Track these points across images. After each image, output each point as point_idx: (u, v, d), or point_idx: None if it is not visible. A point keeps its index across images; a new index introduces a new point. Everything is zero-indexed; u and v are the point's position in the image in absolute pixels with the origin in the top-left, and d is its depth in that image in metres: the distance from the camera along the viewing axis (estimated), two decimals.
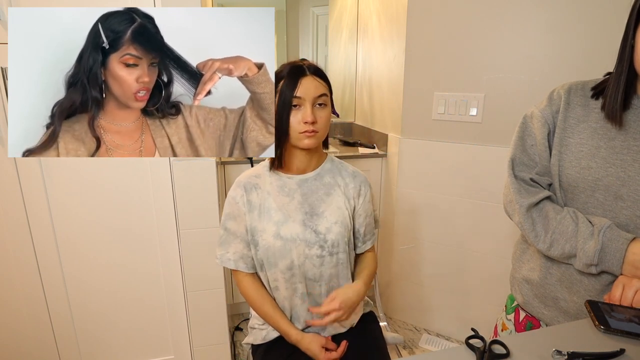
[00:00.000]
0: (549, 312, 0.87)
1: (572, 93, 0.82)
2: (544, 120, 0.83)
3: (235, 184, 0.99)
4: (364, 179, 1.04)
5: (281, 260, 0.95)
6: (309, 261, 0.96)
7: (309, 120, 0.88)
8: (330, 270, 0.98)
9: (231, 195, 0.98)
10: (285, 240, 0.94)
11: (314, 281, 0.98)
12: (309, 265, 0.96)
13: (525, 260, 0.93)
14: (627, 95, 0.74)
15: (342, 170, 1.03)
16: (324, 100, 0.91)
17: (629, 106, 0.75)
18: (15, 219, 1.31)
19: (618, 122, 0.75)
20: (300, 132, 0.89)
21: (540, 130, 0.84)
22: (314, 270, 0.97)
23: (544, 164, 0.84)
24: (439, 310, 1.94)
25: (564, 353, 0.58)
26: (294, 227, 0.95)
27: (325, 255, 0.96)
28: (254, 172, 1.00)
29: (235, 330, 1.96)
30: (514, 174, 0.87)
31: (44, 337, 1.45)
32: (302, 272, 0.96)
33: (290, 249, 0.94)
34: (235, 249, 0.99)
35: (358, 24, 2.37)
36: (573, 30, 1.37)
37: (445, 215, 1.79)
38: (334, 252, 0.97)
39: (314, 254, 0.95)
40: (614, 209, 0.75)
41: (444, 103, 1.66)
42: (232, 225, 0.98)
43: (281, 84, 0.89)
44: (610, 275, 0.76)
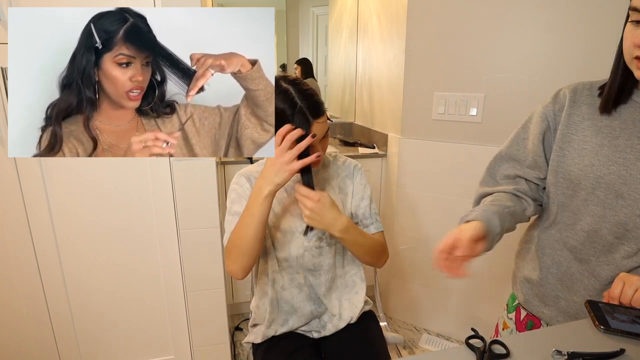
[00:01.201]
0: (549, 312, 0.87)
1: (579, 92, 0.82)
2: (544, 116, 0.84)
3: (237, 175, 0.99)
4: (355, 164, 1.04)
5: (280, 252, 0.97)
6: (308, 252, 0.97)
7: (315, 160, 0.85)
8: (329, 260, 1.00)
9: (234, 182, 0.98)
10: (284, 232, 0.96)
11: (314, 271, 1.00)
12: (308, 257, 0.98)
13: (527, 260, 0.93)
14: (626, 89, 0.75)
15: (335, 163, 1.04)
16: (326, 134, 0.92)
17: (627, 100, 0.76)
18: (15, 219, 1.31)
19: (608, 111, 0.76)
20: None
21: (537, 125, 0.85)
22: (313, 261, 0.99)
23: (534, 157, 0.85)
24: (439, 310, 1.94)
25: (564, 353, 0.58)
26: (292, 220, 0.96)
27: (323, 245, 0.98)
28: (254, 168, 1.01)
29: (235, 330, 1.96)
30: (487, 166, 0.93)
31: (44, 337, 1.45)
32: (300, 264, 0.98)
33: (289, 240, 0.96)
34: None
35: (358, 24, 2.37)
36: (573, 30, 1.37)
37: (445, 215, 1.79)
38: (332, 242, 0.99)
39: (312, 245, 0.97)
40: (614, 207, 0.76)
41: (444, 103, 1.66)
42: (239, 208, 0.93)
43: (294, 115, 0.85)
44: (609, 275, 0.77)
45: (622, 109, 0.77)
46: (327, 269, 1.01)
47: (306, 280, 1.01)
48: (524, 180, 0.88)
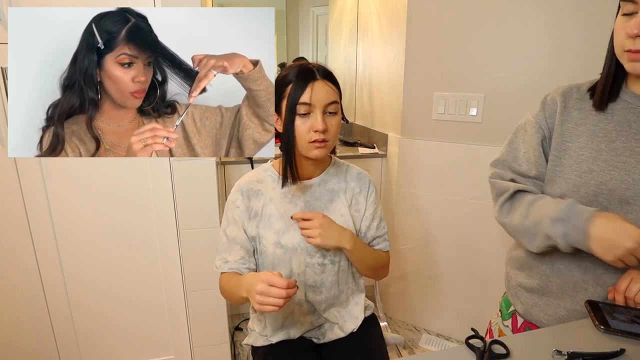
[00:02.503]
0: (548, 322, 0.85)
1: (568, 97, 0.80)
2: (537, 126, 0.82)
3: (236, 188, 0.94)
4: (370, 180, 1.00)
5: (280, 269, 0.92)
6: (310, 269, 0.94)
7: (320, 129, 0.82)
8: (331, 278, 0.97)
9: (231, 199, 0.94)
10: (286, 249, 0.91)
11: (315, 288, 0.96)
12: (310, 273, 0.94)
13: (521, 268, 0.91)
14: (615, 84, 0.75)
15: (347, 174, 0.99)
16: (334, 108, 0.85)
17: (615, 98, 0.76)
18: (15, 219, 1.31)
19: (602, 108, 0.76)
20: (310, 141, 0.84)
21: (534, 136, 0.83)
22: (314, 278, 0.95)
23: (540, 170, 0.83)
24: (439, 310, 1.94)
25: (564, 353, 0.58)
26: (295, 236, 0.91)
27: (327, 263, 0.95)
28: (255, 177, 0.95)
29: (235, 330, 1.96)
30: (492, 176, 0.90)
31: (44, 337, 1.45)
32: (301, 280, 0.94)
33: (291, 257, 0.92)
34: (236, 256, 0.93)
35: (358, 24, 2.37)
36: (572, 31, 1.37)
37: (445, 215, 1.79)
38: (335, 260, 0.95)
39: (315, 262, 0.94)
40: (619, 213, 0.74)
41: (444, 103, 1.66)
42: (233, 231, 0.93)
43: (288, 88, 0.83)
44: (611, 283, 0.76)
45: (614, 109, 0.76)
46: (329, 286, 0.97)
47: (306, 297, 0.97)
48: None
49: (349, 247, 0.90)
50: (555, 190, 0.81)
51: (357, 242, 0.93)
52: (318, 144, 0.84)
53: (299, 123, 0.83)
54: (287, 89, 0.83)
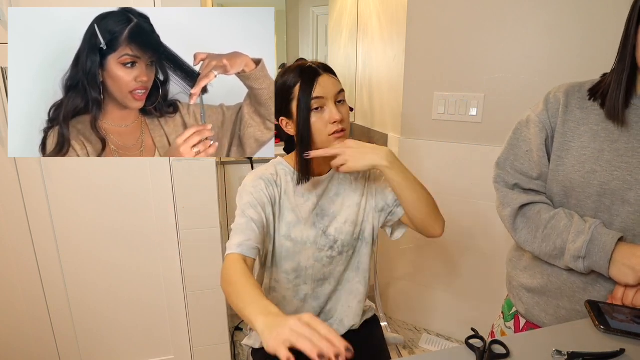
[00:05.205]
0: (549, 322, 0.85)
1: (570, 95, 0.80)
2: (541, 125, 0.81)
3: (255, 176, 0.89)
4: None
5: (287, 262, 0.93)
6: (318, 263, 0.94)
7: (338, 119, 0.84)
8: (340, 267, 0.97)
9: (252, 184, 0.87)
10: (295, 242, 0.92)
11: (323, 280, 0.97)
12: (318, 267, 0.95)
13: (522, 268, 0.91)
14: (628, 95, 0.73)
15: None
16: (343, 95, 0.87)
17: (628, 105, 0.74)
18: (15, 219, 1.31)
19: (620, 121, 0.73)
20: (330, 133, 0.85)
21: (537, 135, 0.82)
22: (323, 270, 0.96)
23: (543, 170, 0.83)
24: (439, 310, 1.94)
25: (564, 353, 0.58)
26: (305, 230, 0.92)
27: (335, 255, 0.95)
28: (270, 170, 0.92)
29: (235, 330, 1.96)
30: (496, 179, 0.88)
31: (44, 337, 1.45)
32: (308, 274, 0.95)
33: (300, 251, 0.92)
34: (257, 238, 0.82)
35: (358, 24, 2.37)
36: (572, 31, 1.37)
37: (445, 215, 1.78)
38: (344, 250, 0.96)
39: (324, 256, 0.94)
40: (620, 213, 0.74)
41: (444, 103, 1.66)
42: (254, 214, 0.84)
43: (296, 88, 0.83)
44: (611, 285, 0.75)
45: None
46: (337, 276, 0.98)
47: (313, 290, 0.97)
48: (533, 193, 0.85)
49: (386, 163, 0.81)
50: (559, 190, 0.81)
51: (396, 159, 0.84)
52: (338, 134, 0.86)
53: (314, 119, 0.84)
54: (295, 90, 0.84)
